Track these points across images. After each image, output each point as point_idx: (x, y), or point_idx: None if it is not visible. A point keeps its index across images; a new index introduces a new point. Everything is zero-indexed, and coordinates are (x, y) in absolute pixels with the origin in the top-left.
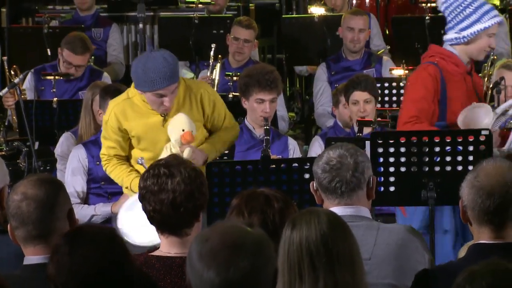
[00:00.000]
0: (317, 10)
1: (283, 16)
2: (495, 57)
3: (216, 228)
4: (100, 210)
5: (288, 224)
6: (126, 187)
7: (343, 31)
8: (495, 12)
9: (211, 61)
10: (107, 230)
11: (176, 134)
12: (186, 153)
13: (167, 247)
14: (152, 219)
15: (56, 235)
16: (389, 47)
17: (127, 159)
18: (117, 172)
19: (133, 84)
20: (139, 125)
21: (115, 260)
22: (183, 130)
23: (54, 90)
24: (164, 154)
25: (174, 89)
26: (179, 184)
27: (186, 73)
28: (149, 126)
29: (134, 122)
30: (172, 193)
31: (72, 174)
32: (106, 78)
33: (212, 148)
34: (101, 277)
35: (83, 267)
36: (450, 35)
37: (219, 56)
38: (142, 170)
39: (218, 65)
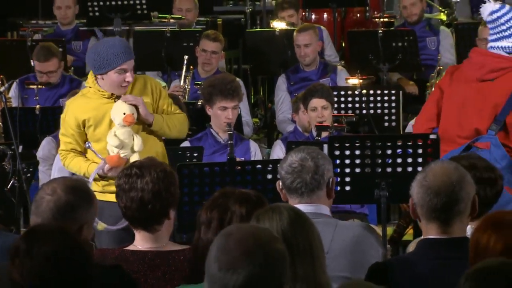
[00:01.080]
0: (278, 25)
1: (247, 30)
2: (441, 67)
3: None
4: None
5: (253, 220)
6: (83, 174)
7: (295, 46)
8: None
9: (183, 71)
10: (58, 227)
11: (119, 118)
12: (141, 110)
13: (140, 241)
14: (125, 215)
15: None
16: (342, 62)
17: (81, 154)
18: (75, 162)
19: (85, 84)
20: (95, 114)
21: (69, 255)
22: (124, 114)
23: (37, 98)
24: (109, 137)
25: (133, 65)
26: (148, 183)
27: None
28: (103, 114)
29: (90, 113)
30: (141, 192)
31: (58, 174)
32: (85, 87)
33: (159, 117)
34: (56, 272)
35: (38, 264)
36: (503, 43)
37: (191, 67)
38: (92, 155)
39: (190, 75)
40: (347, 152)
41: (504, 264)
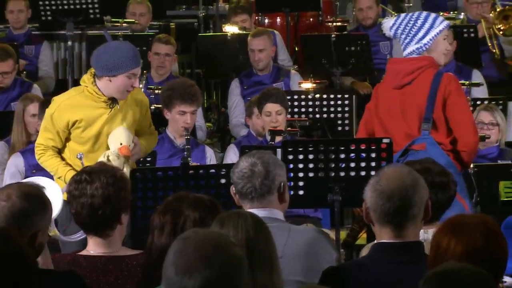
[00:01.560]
0: (230, 29)
1: (199, 34)
2: None
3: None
4: None
5: (216, 223)
6: (59, 177)
7: (249, 51)
8: (442, 17)
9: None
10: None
11: (114, 146)
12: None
13: (93, 247)
14: (76, 221)
15: None
16: (296, 66)
17: (59, 152)
18: (52, 162)
19: (82, 82)
20: (88, 117)
21: (10, 257)
22: (121, 144)
23: None
24: (101, 159)
25: (139, 73)
26: (97, 189)
27: None
28: (96, 117)
29: (82, 114)
30: (91, 198)
31: (10, 179)
32: (36, 90)
33: (143, 147)
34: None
35: None
36: (411, 48)
37: (145, 71)
38: (78, 164)
39: (143, 79)
40: (301, 157)
41: (462, 268)
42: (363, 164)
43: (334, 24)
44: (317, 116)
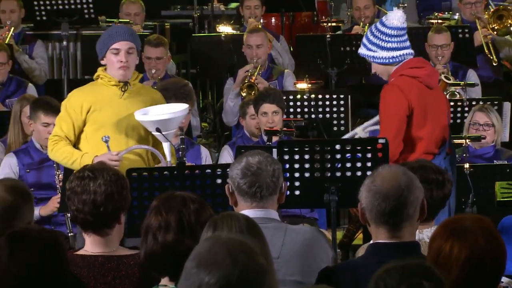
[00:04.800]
0: (224, 29)
1: (193, 34)
2: None
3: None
4: None
5: (209, 225)
6: (73, 162)
7: (245, 49)
8: None
9: None
10: (46, 233)
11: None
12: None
13: (90, 246)
14: (75, 219)
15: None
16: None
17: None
18: (66, 148)
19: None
20: (100, 97)
21: (53, 263)
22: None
23: None
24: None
25: (129, 48)
26: (100, 186)
27: None
28: (109, 98)
29: (94, 96)
30: (93, 194)
31: None
32: (31, 89)
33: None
34: (38, 279)
35: (21, 269)
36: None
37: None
38: (104, 148)
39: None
40: (296, 157)
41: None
42: (359, 164)
43: (329, 24)
44: (313, 116)
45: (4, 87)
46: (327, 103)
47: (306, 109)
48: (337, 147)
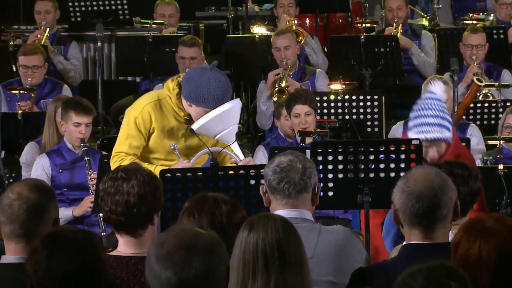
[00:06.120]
0: (258, 30)
1: (228, 36)
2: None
3: (171, 232)
4: (62, 214)
5: (245, 226)
6: None
7: (273, 51)
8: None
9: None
10: (82, 233)
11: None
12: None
13: (124, 247)
14: (109, 219)
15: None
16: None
17: None
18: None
19: (165, 88)
20: (167, 125)
21: (90, 264)
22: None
23: (20, 103)
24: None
25: None
26: (133, 187)
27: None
28: (173, 129)
29: (162, 121)
30: (127, 195)
31: None
32: (66, 90)
33: None
34: (76, 279)
35: (59, 270)
36: None
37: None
38: (175, 157)
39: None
40: (330, 158)
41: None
42: (392, 165)
43: (364, 25)
44: (347, 117)
45: (39, 88)
46: (361, 104)
47: (340, 110)
48: (371, 148)
